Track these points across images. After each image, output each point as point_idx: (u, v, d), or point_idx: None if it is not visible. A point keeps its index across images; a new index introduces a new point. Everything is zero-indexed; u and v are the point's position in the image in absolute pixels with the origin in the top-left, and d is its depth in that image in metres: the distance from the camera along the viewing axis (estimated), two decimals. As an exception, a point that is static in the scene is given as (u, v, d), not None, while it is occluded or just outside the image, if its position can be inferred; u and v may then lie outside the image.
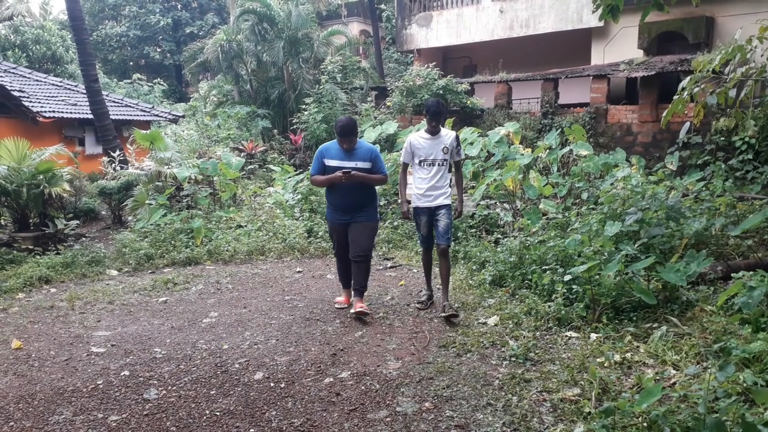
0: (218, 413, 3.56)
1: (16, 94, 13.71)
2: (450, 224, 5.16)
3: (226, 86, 17.60)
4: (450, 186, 5.30)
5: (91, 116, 13.30)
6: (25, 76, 16.03)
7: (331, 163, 5.14)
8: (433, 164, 5.13)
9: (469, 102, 12.74)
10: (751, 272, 4.52)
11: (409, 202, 5.45)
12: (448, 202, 5.17)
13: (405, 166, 5.41)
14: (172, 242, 8.31)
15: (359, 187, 5.16)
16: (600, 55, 13.77)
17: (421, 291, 5.84)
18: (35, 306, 6.11)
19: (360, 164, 5.11)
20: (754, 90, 4.75)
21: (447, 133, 5.20)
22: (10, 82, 14.37)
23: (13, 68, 16.35)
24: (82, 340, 5.02)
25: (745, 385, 3.24)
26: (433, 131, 5.15)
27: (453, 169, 5.41)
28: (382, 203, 9.46)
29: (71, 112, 14.97)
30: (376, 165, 5.21)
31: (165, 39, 29.79)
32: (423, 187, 5.17)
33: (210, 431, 3.36)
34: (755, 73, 4.73)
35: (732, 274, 4.99)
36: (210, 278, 7.00)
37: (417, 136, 5.23)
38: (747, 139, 8.86)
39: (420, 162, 5.19)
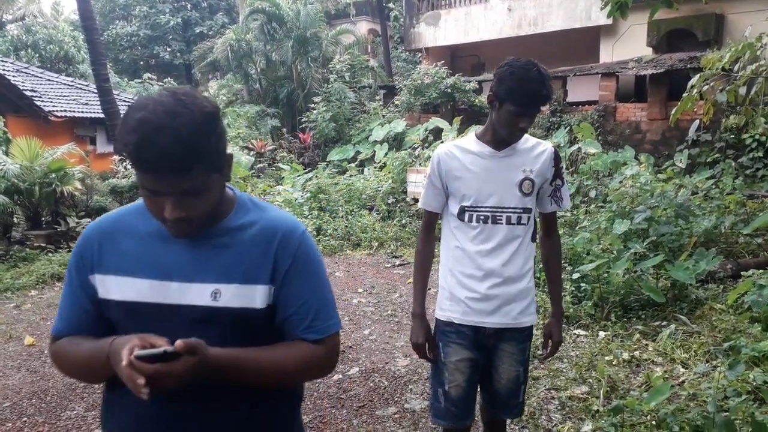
0: (228, 409, 3.59)
1: (28, 93, 13.83)
2: (526, 377, 2.27)
3: (235, 85, 17.69)
4: (532, 271, 2.18)
5: (102, 115, 13.39)
6: (37, 76, 16.16)
7: (114, 291, 1.25)
8: (498, 219, 2.08)
9: (477, 101, 12.73)
10: (761, 270, 4.51)
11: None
12: (531, 318, 2.17)
13: (431, 218, 2.25)
14: (182, 240, 8.36)
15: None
16: (609, 53, 13.70)
17: None
18: (48, 303, 6.18)
19: (233, 295, 1.23)
20: (765, 87, 4.72)
21: (534, 146, 2.13)
22: (23, 82, 14.49)
23: (26, 68, 16.48)
24: (94, 337, 5.08)
25: (754, 383, 3.23)
26: (511, 138, 2.06)
27: (540, 230, 2.29)
28: (390, 201, 9.47)
29: (83, 112, 15.10)
30: (297, 305, 1.28)
31: (175, 39, 29.92)
32: (473, 274, 2.11)
33: (220, 427, 3.39)
34: (765, 70, 4.70)
35: (742, 273, 4.99)
36: (220, 276, 7.04)
37: (457, 150, 2.12)
38: (757, 136, 8.80)
39: (464, 212, 2.11)
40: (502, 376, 2.16)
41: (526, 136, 2.12)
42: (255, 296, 1.24)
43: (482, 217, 2.08)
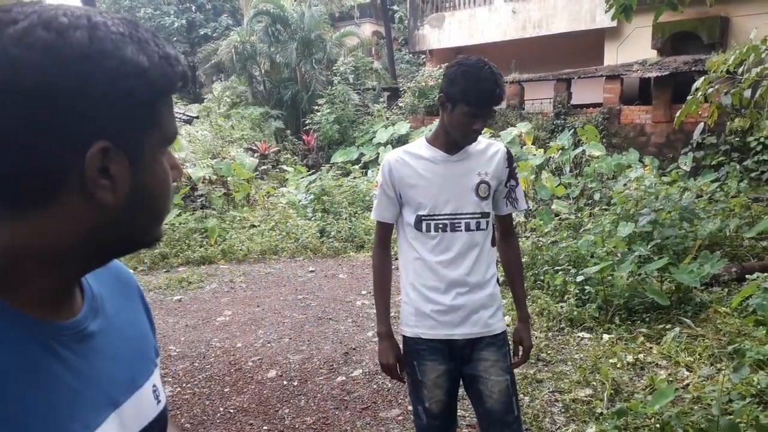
0: (232, 410, 3.61)
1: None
2: (515, 388, 2.09)
3: (239, 87, 17.72)
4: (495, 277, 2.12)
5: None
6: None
7: None
8: (457, 226, 2.00)
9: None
10: (766, 274, 4.50)
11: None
12: (500, 325, 2.08)
13: (385, 230, 2.15)
14: (187, 241, 8.39)
15: None
16: (613, 56, 13.69)
17: None
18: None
19: (159, 382, 0.83)
20: (770, 90, 4.71)
21: (486, 147, 2.07)
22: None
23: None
24: (99, 337, 5.10)
25: (759, 387, 3.23)
26: (465, 141, 1.99)
27: (497, 233, 2.17)
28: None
29: (87, 113, 15.15)
30: None
31: (179, 41, 30.02)
32: (436, 286, 2.02)
33: (224, 428, 3.40)
34: (770, 73, 4.69)
35: (746, 276, 4.97)
36: (224, 277, 7.06)
37: (408, 156, 2.04)
38: (762, 139, 8.79)
39: (421, 221, 2.01)
40: (492, 390, 2.00)
41: (483, 139, 2.07)
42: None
43: (440, 226, 1.99)
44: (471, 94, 1.85)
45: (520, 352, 2.17)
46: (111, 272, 0.81)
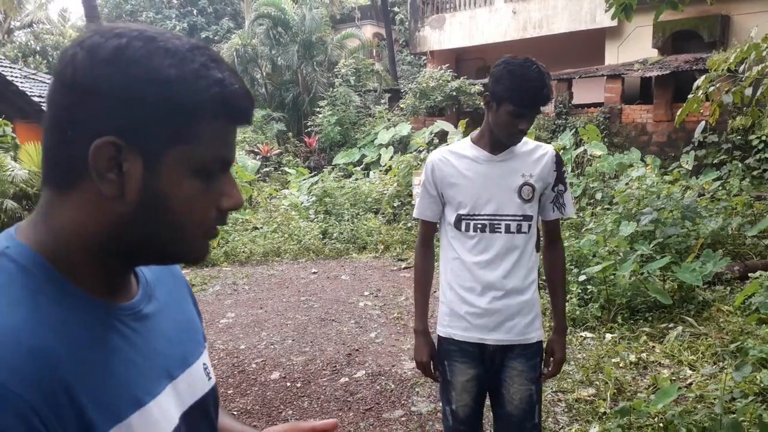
0: (236, 412, 3.62)
1: (36, 99, 13.95)
2: (540, 396, 2.07)
3: (241, 90, 17.78)
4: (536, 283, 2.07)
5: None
6: (44, 82, 16.26)
7: None
8: (497, 227, 1.96)
9: (482, 103, 12.72)
10: (769, 272, 4.49)
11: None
12: (537, 334, 2.03)
13: (427, 229, 2.14)
14: (189, 244, 8.42)
15: None
16: (614, 55, 13.69)
17: None
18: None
19: (208, 361, 0.93)
20: (771, 88, 4.71)
21: (533, 149, 2.02)
22: (31, 88, 14.61)
23: (33, 74, 16.61)
24: (102, 340, 5.11)
25: (762, 385, 3.23)
26: (509, 140, 1.95)
27: (542, 238, 2.16)
28: (395, 204, 9.50)
29: (89, 117, 15.18)
30: None
31: (180, 44, 30.09)
32: (472, 287, 1.99)
33: (228, 430, 3.42)
34: (771, 71, 4.68)
35: (749, 274, 4.97)
36: (227, 279, 7.07)
37: (451, 155, 2.02)
38: (764, 137, 8.77)
39: (461, 220, 1.99)
40: (514, 396, 1.99)
41: (525, 138, 1.99)
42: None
43: (479, 226, 1.95)
44: (516, 93, 1.81)
45: (552, 364, 2.09)
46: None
